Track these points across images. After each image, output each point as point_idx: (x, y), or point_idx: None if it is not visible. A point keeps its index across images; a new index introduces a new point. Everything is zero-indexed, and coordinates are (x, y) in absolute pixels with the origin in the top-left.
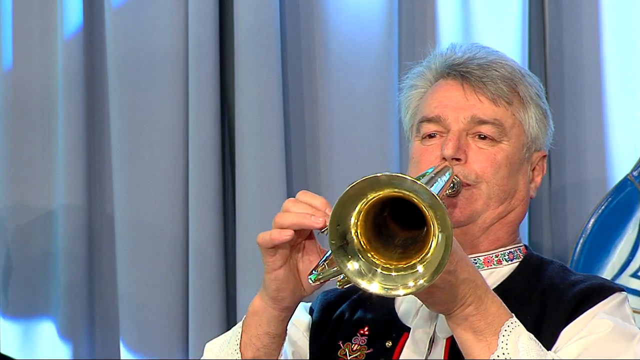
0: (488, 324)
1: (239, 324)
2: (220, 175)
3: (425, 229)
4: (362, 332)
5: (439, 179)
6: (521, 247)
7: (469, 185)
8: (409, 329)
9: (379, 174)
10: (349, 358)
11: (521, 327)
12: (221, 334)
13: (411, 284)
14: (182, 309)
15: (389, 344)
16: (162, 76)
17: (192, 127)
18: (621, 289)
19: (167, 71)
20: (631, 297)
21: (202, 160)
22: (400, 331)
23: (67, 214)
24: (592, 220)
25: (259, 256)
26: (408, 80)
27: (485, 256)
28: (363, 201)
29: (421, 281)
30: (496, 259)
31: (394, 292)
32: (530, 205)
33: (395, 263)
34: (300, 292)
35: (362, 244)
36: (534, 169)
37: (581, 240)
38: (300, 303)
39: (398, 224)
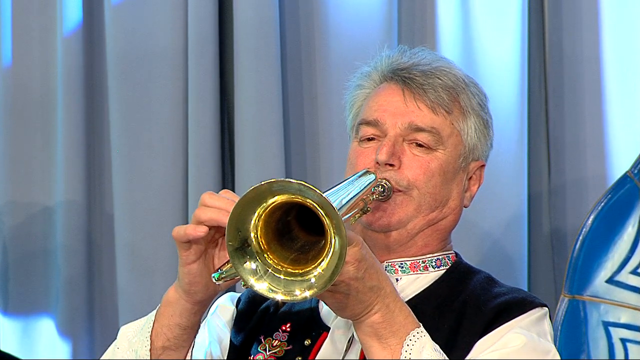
0: (393, 332)
1: (154, 312)
2: (219, 172)
3: (324, 238)
4: (284, 328)
5: (356, 185)
6: (450, 255)
7: (400, 191)
8: (329, 328)
9: (284, 179)
10: (267, 354)
11: (427, 338)
12: None
13: (297, 292)
14: None
15: (307, 342)
16: (161, 73)
17: (192, 123)
18: (543, 304)
19: (167, 68)
20: (631, 295)
21: (202, 157)
22: (320, 330)
23: (66, 211)
24: (592, 217)
25: None
26: (355, 80)
27: (412, 261)
28: (263, 205)
29: (307, 292)
30: (423, 264)
31: (274, 295)
32: (530, 201)
33: (286, 266)
34: (214, 287)
35: (261, 245)
36: (470, 178)
37: (581, 237)
38: (229, 293)
39: (304, 228)
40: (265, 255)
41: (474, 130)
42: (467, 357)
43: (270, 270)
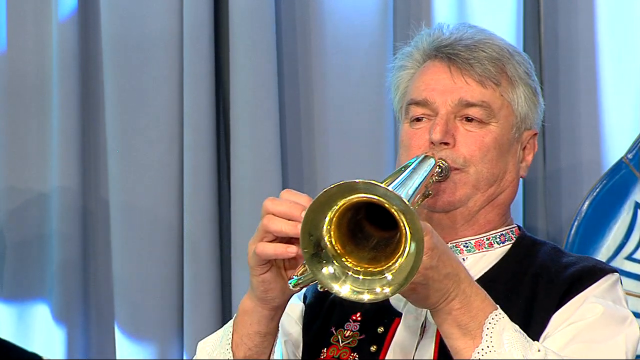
0: (472, 317)
1: (230, 322)
2: (215, 158)
3: (398, 232)
4: (354, 318)
5: (418, 173)
6: (514, 229)
7: (457, 169)
8: (401, 314)
9: (352, 181)
10: (341, 344)
11: (506, 319)
12: (215, 317)
13: (378, 289)
14: (176, 292)
15: (380, 329)
16: (157, 58)
17: (187, 109)
18: (614, 270)
19: (162, 53)
20: (626, 280)
21: (197, 142)
22: (392, 317)
23: (61, 196)
24: (587, 203)
25: None
26: (397, 61)
27: (477, 239)
28: (334, 208)
29: (387, 289)
30: (487, 241)
31: (360, 296)
32: (525, 187)
33: (366, 265)
34: (289, 290)
35: (336, 249)
36: (524, 148)
37: (576, 223)
38: None
39: (375, 224)
40: (343, 258)
41: (523, 99)
42: (545, 332)
43: (350, 272)
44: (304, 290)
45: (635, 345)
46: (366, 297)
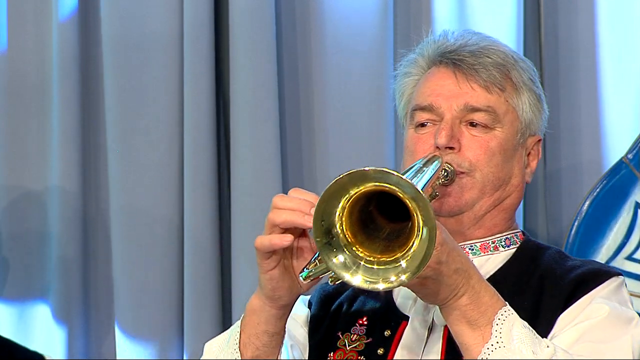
0: (482, 313)
1: (238, 322)
2: (215, 158)
3: (410, 221)
4: (360, 322)
5: (426, 170)
6: (518, 233)
7: (463, 173)
8: (408, 317)
9: (363, 169)
10: (348, 348)
11: (515, 316)
12: (215, 318)
13: (393, 278)
14: (177, 292)
15: (387, 332)
16: (157, 58)
17: (187, 109)
18: (618, 273)
19: (162, 53)
20: (626, 280)
21: (197, 143)
22: (398, 320)
23: (61, 197)
24: (587, 203)
25: (253, 239)
26: (402, 68)
27: (482, 242)
28: (346, 196)
29: (403, 277)
30: (493, 245)
31: (374, 286)
32: (526, 188)
33: (378, 256)
34: (297, 289)
35: (348, 237)
36: (529, 154)
37: (576, 223)
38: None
39: (385, 216)
40: (354, 247)
41: (528, 105)
42: (552, 332)
43: (362, 262)
44: (308, 297)
45: None
46: (381, 286)
